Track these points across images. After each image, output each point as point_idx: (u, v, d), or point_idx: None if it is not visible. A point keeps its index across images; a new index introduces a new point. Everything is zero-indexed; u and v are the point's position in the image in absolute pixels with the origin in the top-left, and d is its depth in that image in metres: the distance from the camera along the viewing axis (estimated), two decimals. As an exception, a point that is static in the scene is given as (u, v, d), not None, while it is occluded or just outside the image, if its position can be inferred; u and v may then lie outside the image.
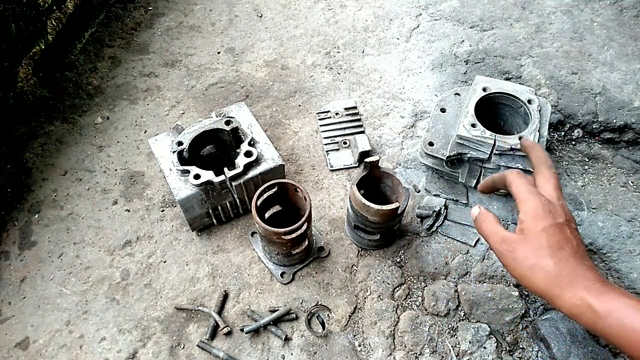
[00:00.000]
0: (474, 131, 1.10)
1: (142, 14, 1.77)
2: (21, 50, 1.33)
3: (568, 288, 0.61)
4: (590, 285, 0.60)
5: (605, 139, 1.35)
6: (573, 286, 0.61)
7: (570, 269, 0.62)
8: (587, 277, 0.61)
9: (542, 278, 0.63)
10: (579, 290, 0.60)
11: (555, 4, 1.72)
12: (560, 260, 0.63)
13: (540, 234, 0.65)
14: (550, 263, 0.63)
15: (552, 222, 0.66)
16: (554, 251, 0.63)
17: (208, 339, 0.99)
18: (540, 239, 0.65)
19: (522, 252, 0.65)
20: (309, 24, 1.73)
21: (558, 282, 0.62)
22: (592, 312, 0.59)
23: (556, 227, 0.65)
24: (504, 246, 0.68)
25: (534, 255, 0.64)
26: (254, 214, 0.94)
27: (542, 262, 0.63)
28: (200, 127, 1.12)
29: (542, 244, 0.64)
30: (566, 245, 0.64)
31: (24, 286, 1.09)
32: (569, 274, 0.62)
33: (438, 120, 1.24)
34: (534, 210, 0.67)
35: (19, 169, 1.28)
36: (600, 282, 0.61)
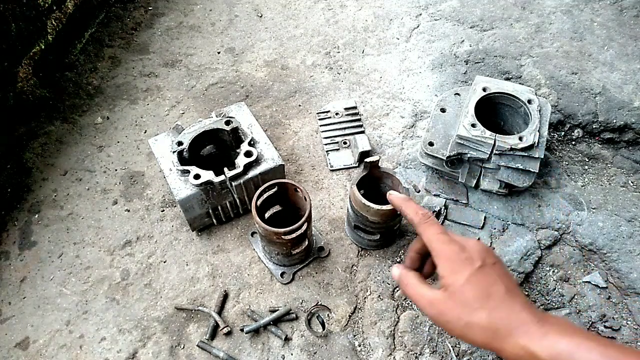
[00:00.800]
0: (474, 131, 1.10)
1: (142, 14, 1.77)
2: (21, 50, 1.33)
3: (508, 339, 0.57)
4: (528, 330, 0.56)
5: (605, 139, 1.35)
6: (512, 335, 0.57)
7: (503, 316, 0.58)
8: (523, 320, 0.57)
9: (479, 335, 0.59)
10: (518, 338, 0.56)
11: (555, 4, 1.72)
12: (492, 310, 0.59)
13: (463, 287, 0.61)
14: (483, 316, 0.59)
15: (470, 270, 0.61)
16: (482, 303, 0.59)
17: (208, 339, 0.99)
18: (465, 293, 0.60)
19: (451, 312, 0.61)
20: (309, 24, 1.73)
21: (496, 334, 0.58)
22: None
23: (476, 275, 0.61)
24: (433, 310, 0.63)
25: (464, 312, 0.60)
26: (254, 214, 0.94)
27: (474, 318, 0.59)
28: (200, 127, 1.12)
29: (468, 298, 0.60)
30: (492, 290, 0.60)
31: (24, 286, 1.09)
32: (504, 323, 0.58)
33: (438, 120, 1.24)
34: (450, 263, 0.63)
35: (19, 169, 1.28)
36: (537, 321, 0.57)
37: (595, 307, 1.05)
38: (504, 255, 1.11)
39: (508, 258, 1.10)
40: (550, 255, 1.13)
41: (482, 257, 0.64)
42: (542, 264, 1.12)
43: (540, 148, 1.10)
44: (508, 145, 1.08)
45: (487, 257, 0.64)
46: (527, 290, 1.09)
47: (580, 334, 0.55)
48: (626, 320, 1.04)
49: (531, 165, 1.11)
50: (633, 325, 1.03)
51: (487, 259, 0.64)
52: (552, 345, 0.54)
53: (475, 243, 0.67)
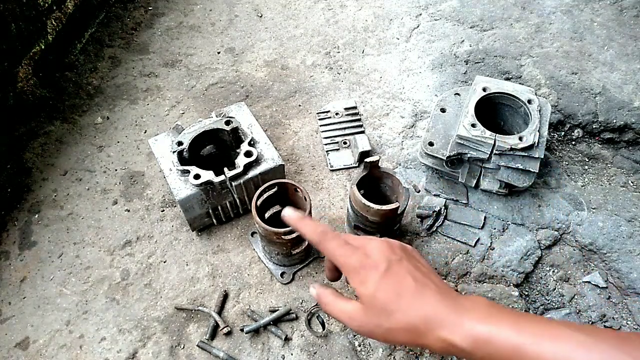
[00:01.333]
0: (474, 131, 1.10)
1: (142, 14, 1.77)
2: (21, 50, 1.33)
3: (428, 334, 0.57)
4: (444, 320, 0.56)
5: (605, 139, 1.35)
6: (431, 330, 0.56)
7: (418, 313, 0.58)
8: (437, 312, 0.57)
9: (402, 336, 0.59)
10: (437, 331, 0.56)
11: (555, 4, 1.72)
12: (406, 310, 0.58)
13: (374, 295, 0.60)
14: (399, 318, 0.58)
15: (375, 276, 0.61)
16: (394, 305, 0.59)
17: (208, 339, 0.99)
18: (377, 300, 0.60)
19: (370, 322, 0.61)
20: (309, 24, 1.73)
21: (416, 332, 0.58)
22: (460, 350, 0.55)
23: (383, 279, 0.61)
24: (355, 323, 0.63)
25: (382, 320, 0.60)
26: (254, 214, 0.94)
27: (391, 323, 0.59)
28: (200, 127, 1.12)
29: (381, 305, 0.60)
30: (401, 289, 0.60)
31: (24, 286, 1.09)
32: (420, 320, 0.57)
33: (438, 120, 1.24)
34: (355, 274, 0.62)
35: (19, 169, 1.28)
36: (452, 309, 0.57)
37: (595, 307, 1.05)
38: (504, 255, 1.11)
39: (508, 258, 1.10)
40: (550, 255, 1.13)
41: (386, 258, 0.63)
42: (542, 264, 1.12)
43: (540, 148, 1.10)
44: (508, 145, 1.08)
45: (391, 255, 0.64)
46: (527, 290, 1.09)
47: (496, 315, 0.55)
48: (626, 320, 1.04)
49: (531, 165, 1.11)
50: (633, 325, 1.03)
51: (391, 257, 0.63)
52: (469, 332, 0.54)
53: (378, 244, 0.65)
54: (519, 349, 0.52)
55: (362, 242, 0.67)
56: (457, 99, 1.28)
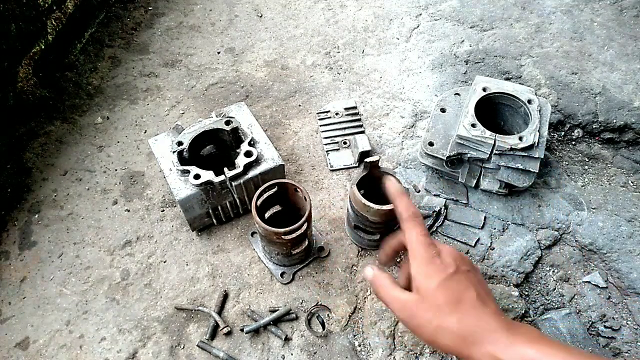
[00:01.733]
0: (474, 131, 1.10)
1: (142, 14, 1.77)
2: (21, 50, 1.33)
3: (476, 346, 0.58)
4: (497, 339, 0.57)
5: (605, 139, 1.35)
6: (481, 343, 0.57)
7: (473, 323, 0.59)
8: (492, 328, 0.58)
9: (449, 339, 0.60)
10: (487, 346, 0.57)
11: (555, 4, 1.72)
12: (462, 316, 0.60)
13: (435, 291, 0.61)
14: (453, 321, 0.59)
15: (442, 276, 0.62)
16: (453, 308, 0.60)
17: (208, 339, 0.99)
18: (437, 297, 0.61)
19: (422, 316, 0.62)
20: (309, 24, 1.73)
21: (465, 340, 0.58)
22: None
23: (448, 281, 0.62)
24: (405, 313, 0.64)
25: (435, 316, 0.61)
26: (254, 214, 0.94)
27: (444, 322, 0.60)
28: (200, 127, 1.12)
29: (439, 302, 0.61)
30: (464, 296, 0.61)
31: (24, 286, 1.09)
32: (474, 330, 0.58)
33: (438, 120, 1.24)
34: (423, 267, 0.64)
35: (19, 169, 1.28)
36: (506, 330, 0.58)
37: (595, 307, 1.05)
38: (504, 255, 1.11)
39: (508, 258, 1.10)
40: (550, 255, 1.13)
41: (456, 264, 0.64)
42: (542, 264, 1.12)
43: (540, 148, 1.10)
44: (508, 145, 1.08)
45: (462, 265, 0.65)
46: (527, 290, 1.09)
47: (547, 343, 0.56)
48: (626, 320, 1.04)
49: (531, 165, 1.11)
50: (633, 325, 1.03)
51: (461, 266, 0.65)
52: (519, 353, 0.55)
53: (451, 250, 0.67)
54: None
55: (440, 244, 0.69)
56: (457, 99, 1.28)
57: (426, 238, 0.67)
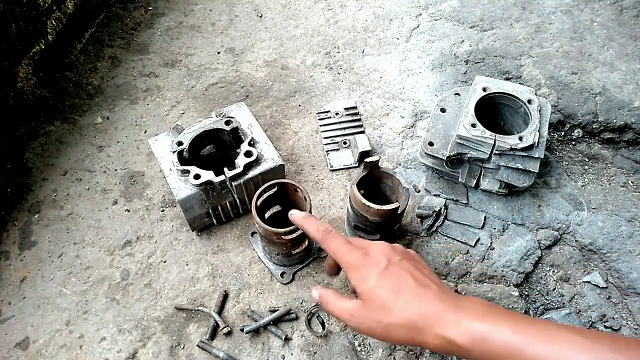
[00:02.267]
0: (474, 131, 1.10)
1: (142, 14, 1.77)
2: (21, 50, 1.33)
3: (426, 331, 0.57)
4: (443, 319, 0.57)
5: (605, 139, 1.35)
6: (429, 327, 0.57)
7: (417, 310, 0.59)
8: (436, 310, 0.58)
9: (400, 333, 0.59)
10: (436, 329, 0.57)
11: (555, 4, 1.72)
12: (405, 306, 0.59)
13: (373, 291, 0.61)
14: (398, 314, 0.59)
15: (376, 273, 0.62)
16: (394, 301, 0.60)
17: (208, 339, 0.99)
18: (377, 296, 0.61)
19: (370, 319, 0.62)
20: (309, 24, 1.73)
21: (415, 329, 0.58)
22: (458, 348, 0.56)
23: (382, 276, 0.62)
24: (354, 320, 0.64)
25: (381, 315, 0.60)
26: (254, 214, 0.94)
27: (390, 318, 0.60)
28: (200, 127, 1.12)
29: (381, 301, 0.61)
30: (401, 287, 0.61)
31: (24, 286, 1.09)
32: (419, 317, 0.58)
33: (438, 120, 1.24)
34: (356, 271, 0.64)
35: (19, 169, 1.28)
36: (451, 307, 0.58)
37: (595, 307, 1.05)
38: (504, 255, 1.11)
39: (508, 258, 1.10)
40: (550, 255, 1.13)
41: (387, 257, 0.64)
42: (542, 264, 1.12)
43: (540, 148, 1.10)
44: (508, 145, 1.08)
45: (393, 256, 0.65)
46: (527, 290, 1.09)
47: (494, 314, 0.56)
48: (626, 320, 1.04)
49: (531, 165, 1.11)
50: (633, 325, 1.03)
51: (392, 257, 0.65)
52: (467, 330, 0.55)
53: (379, 245, 0.67)
54: (516, 348, 0.52)
55: (364, 243, 0.69)
56: (457, 99, 1.28)
57: (347, 245, 0.68)
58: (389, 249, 0.66)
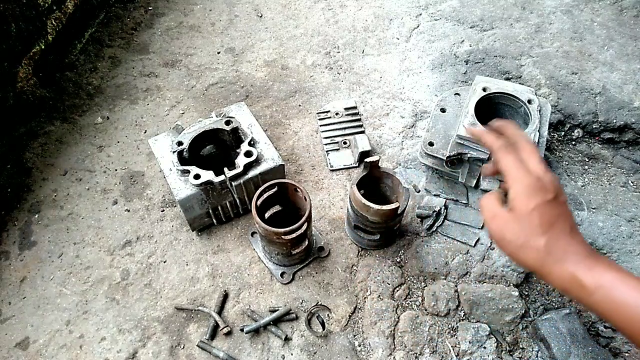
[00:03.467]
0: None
1: (142, 14, 1.77)
2: (21, 50, 1.33)
3: (558, 264, 0.61)
4: (580, 260, 0.61)
5: (605, 139, 1.35)
6: (563, 262, 0.61)
7: (560, 246, 0.62)
8: (577, 252, 0.62)
9: (532, 256, 0.63)
10: (569, 265, 0.60)
11: (555, 4, 1.72)
12: (551, 238, 0.63)
13: (532, 213, 0.64)
14: (542, 242, 0.63)
15: (542, 199, 0.65)
16: (545, 229, 0.63)
17: (208, 339, 0.99)
18: (532, 218, 0.64)
19: (512, 231, 0.65)
20: (309, 24, 1.73)
21: (548, 258, 0.62)
22: (581, 288, 0.59)
23: (547, 205, 0.65)
24: (494, 224, 0.67)
25: (525, 234, 0.64)
26: (254, 214, 0.94)
27: (532, 241, 0.63)
28: (200, 127, 1.12)
29: (533, 223, 0.64)
30: (557, 222, 0.64)
31: (24, 286, 1.09)
32: (559, 251, 0.62)
33: (438, 120, 1.24)
34: (524, 189, 0.66)
35: (19, 169, 1.28)
36: (590, 257, 0.61)
37: (595, 307, 1.05)
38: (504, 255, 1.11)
39: (508, 258, 1.10)
40: (550, 255, 1.13)
41: (556, 191, 0.67)
42: (542, 264, 1.12)
43: (540, 148, 1.10)
44: None
45: (560, 194, 0.68)
46: (527, 290, 1.09)
47: (625, 272, 0.59)
48: (626, 320, 1.03)
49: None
50: (633, 325, 1.03)
51: (560, 195, 0.67)
52: (597, 276, 0.58)
53: (553, 176, 0.69)
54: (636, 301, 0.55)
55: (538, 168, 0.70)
56: (457, 99, 1.28)
57: (522, 164, 0.70)
58: (560, 187, 0.69)
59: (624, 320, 0.56)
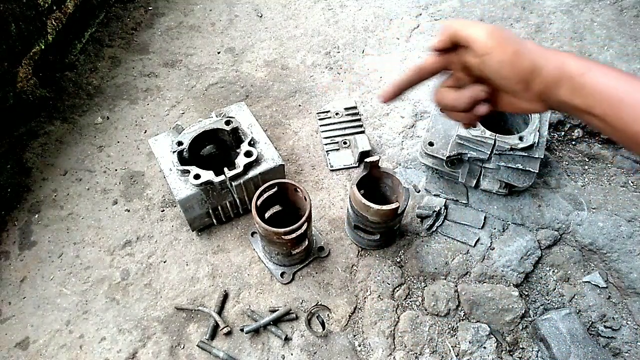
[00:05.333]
0: (474, 131, 1.10)
1: (142, 14, 1.77)
2: (21, 50, 1.33)
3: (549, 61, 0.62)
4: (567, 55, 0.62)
5: (605, 139, 1.35)
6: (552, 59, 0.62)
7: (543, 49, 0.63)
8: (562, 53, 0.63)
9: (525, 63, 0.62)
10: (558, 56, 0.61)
11: (555, 4, 1.72)
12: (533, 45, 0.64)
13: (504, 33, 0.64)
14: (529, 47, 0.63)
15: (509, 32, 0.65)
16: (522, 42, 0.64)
17: (208, 339, 0.99)
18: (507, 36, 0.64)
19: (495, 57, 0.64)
20: (309, 24, 1.73)
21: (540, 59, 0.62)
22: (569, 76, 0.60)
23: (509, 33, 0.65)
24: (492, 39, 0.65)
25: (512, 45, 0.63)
26: (254, 214, 0.94)
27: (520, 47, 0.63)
28: (200, 127, 1.12)
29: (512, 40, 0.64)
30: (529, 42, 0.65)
31: (24, 286, 1.09)
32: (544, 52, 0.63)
33: (438, 120, 1.24)
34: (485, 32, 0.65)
35: (19, 169, 1.28)
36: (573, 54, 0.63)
37: (595, 307, 1.05)
38: (504, 255, 1.11)
39: (508, 258, 1.10)
40: (550, 255, 1.13)
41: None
42: (542, 264, 1.12)
43: (540, 148, 1.10)
44: (508, 145, 1.08)
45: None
46: (527, 290, 1.09)
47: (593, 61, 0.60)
48: (626, 320, 1.04)
49: (531, 165, 1.11)
50: (633, 325, 1.03)
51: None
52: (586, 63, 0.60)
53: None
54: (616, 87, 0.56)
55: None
56: None
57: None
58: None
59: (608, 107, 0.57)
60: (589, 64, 0.60)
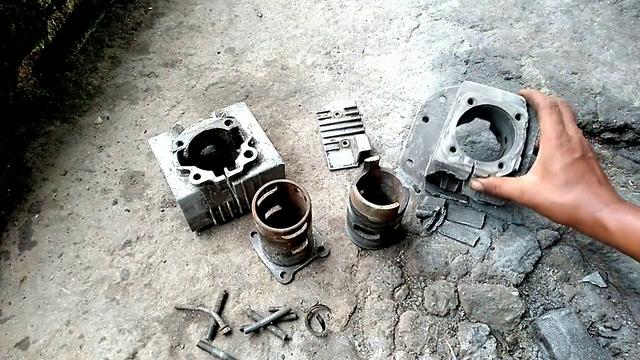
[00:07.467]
0: (451, 157, 1.03)
1: (142, 14, 1.77)
2: (21, 50, 1.33)
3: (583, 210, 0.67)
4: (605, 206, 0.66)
5: (605, 139, 1.35)
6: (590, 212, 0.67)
7: (587, 198, 0.68)
8: (604, 200, 0.67)
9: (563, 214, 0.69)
10: (594, 212, 0.66)
11: (555, 4, 1.72)
12: (578, 193, 0.68)
13: (559, 172, 0.70)
14: (569, 198, 0.68)
15: (569, 159, 0.70)
16: (572, 186, 0.69)
17: (208, 339, 0.99)
18: (560, 177, 0.70)
19: (541, 194, 0.71)
20: (309, 24, 1.73)
21: (577, 212, 0.67)
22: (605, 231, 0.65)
23: (573, 164, 0.70)
24: (526, 197, 0.74)
25: (553, 194, 0.70)
26: (254, 214, 0.94)
27: (561, 199, 0.69)
28: (200, 127, 1.12)
29: (560, 181, 0.69)
30: (583, 177, 0.69)
31: (24, 286, 1.09)
32: (586, 203, 0.67)
33: (419, 132, 1.13)
34: (552, 150, 0.72)
35: (19, 169, 1.28)
36: (617, 202, 0.66)
37: (595, 307, 1.05)
38: (504, 255, 1.11)
39: (508, 258, 1.10)
40: (550, 255, 1.13)
41: (583, 150, 0.73)
42: (542, 264, 1.12)
43: (522, 172, 0.99)
44: (486, 174, 1.01)
45: (588, 151, 0.74)
46: (527, 290, 1.09)
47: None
48: (626, 320, 1.03)
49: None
50: (633, 325, 1.03)
51: (587, 152, 0.74)
52: (621, 217, 0.65)
53: (581, 137, 0.76)
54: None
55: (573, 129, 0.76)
56: (443, 105, 1.13)
57: (559, 125, 0.76)
58: (587, 145, 0.75)
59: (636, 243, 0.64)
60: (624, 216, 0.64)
